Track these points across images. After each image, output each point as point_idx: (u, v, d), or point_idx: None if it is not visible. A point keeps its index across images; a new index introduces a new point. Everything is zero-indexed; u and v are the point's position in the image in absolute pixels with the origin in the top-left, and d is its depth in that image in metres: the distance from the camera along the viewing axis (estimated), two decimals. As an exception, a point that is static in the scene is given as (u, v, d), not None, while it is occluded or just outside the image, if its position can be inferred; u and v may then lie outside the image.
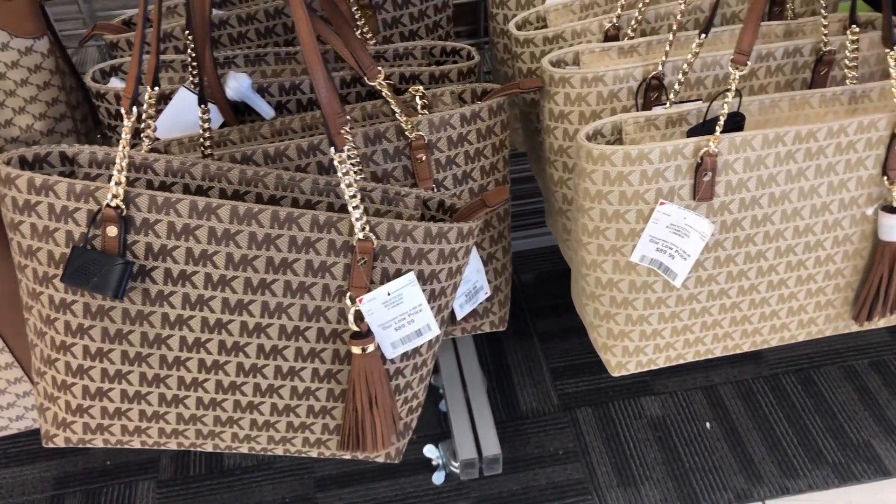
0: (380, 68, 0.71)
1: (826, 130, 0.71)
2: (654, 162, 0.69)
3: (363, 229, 0.64)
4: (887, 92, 0.77)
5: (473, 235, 0.70)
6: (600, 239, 0.74)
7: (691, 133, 0.71)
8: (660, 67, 0.78)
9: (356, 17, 0.84)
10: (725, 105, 0.68)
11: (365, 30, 0.87)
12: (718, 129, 0.68)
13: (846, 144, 0.72)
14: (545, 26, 0.91)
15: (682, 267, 0.72)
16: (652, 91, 0.78)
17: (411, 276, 0.66)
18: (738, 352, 0.84)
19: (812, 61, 0.83)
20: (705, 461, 1.21)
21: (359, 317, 0.66)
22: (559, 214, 0.89)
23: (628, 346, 0.80)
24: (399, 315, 0.67)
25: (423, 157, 0.75)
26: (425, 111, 0.79)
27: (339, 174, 0.63)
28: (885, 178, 0.75)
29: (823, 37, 0.81)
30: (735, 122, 0.71)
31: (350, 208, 0.64)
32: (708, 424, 1.26)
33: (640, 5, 0.82)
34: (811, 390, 1.30)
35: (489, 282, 0.85)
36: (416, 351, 0.71)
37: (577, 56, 0.82)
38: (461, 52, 0.88)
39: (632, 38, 0.84)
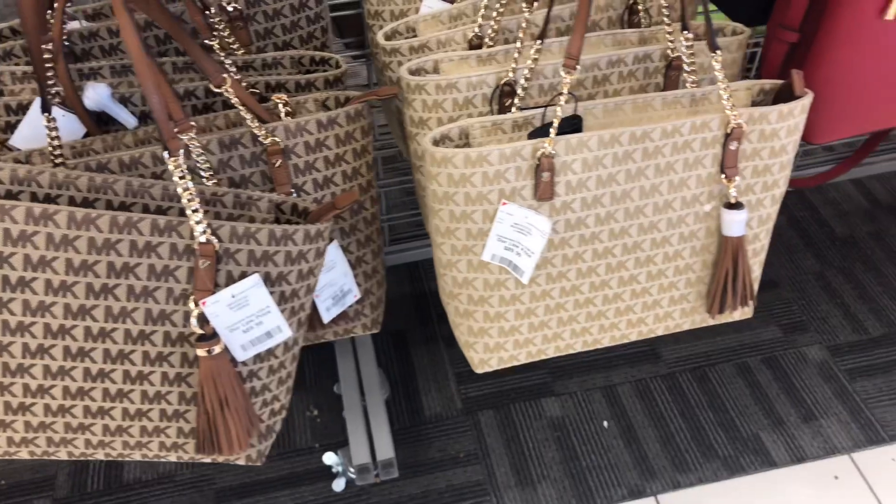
0: (225, 76, 0.73)
1: (660, 131, 0.74)
2: (495, 164, 0.72)
3: (204, 232, 0.65)
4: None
5: (323, 237, 0.72)
6: (452, 239, 0.76)
7: (531, 136, 0.74)
8: (510, 74, 0.80)
9: (220, 27, 0.86)
10: (559, 109, 0.71)
11: (231, 40, 0.88)
12: (553, 131, 0.71)
13: (682, 144, 0.76)
14: (415, 37, 0.94)
15: (528, 264, 0.75)
16: (506, 97, 0.81)
17: (256, 278, 0.68)
18: (598, 346, 0.87)
19: (662, 67, 0.86)
20: (601, 459, 1.24)
21: (204, 319, 0.67)
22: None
23: (489, 343, 0.82)
24: (246, 317, 0.68)
25: (280, 163, 0.77)
26: (289, 118, 0.81)
27: (175, 178, 0.64)
28: (724, 175, 0.79)
29: (670, 43, 0.85)
30: (573, 125, 0.74)
31: (189, 212, 0.65)
32: (606, 423, 1.29)
33: (495, 14, 0.85)
34: (706, 387, 1.34)
35: (359, 285, 0.86)
36: (271, 353, 0.73)
37: (437, 64, 0.85)
38: (330, 62, 0.90)
39: (490, 46, 0.87)
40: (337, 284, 0.82)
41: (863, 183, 1.70)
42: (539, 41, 0.75)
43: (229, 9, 0.89)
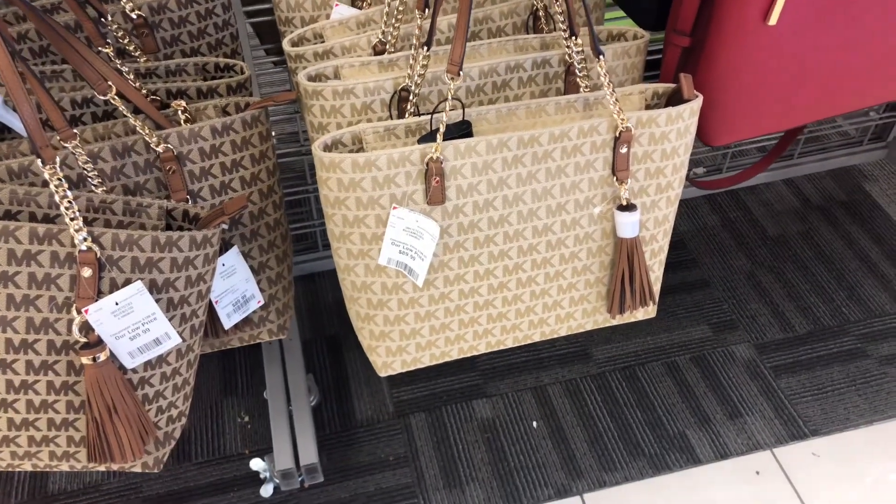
0: (111, 83, 0.73)
1: (548, 135, 0.76)
2: (383, 168, 0.72)
3: (85, 240, 0.65)
4: (619, 99, 0.83)
5: (212, 243, 0.72)
6: (347, 244, 0.77)
7: (421, 141, 0.75)
8: (407, 80, 0.81)
9: (118, 34, 0.86)
10: (444, 114, 0.72)
11: (132, 48, 0.88)
12: (439, 136, 0.72)
13: (572, 148, 0.77)
14: (322, 42, 0.95)
15: (422, 267, 0.76)
16: (404, 102, 0.82)
17: (139, 285, 0.68)
18: (503, 347, 0.88)
19: (562, 72, 0.88)
20: (529, 459, 1.25)
21: (87, 327, 0.67)
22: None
23: (391, 346, 0.83)
24: (132, 324, 0.68)
25: (174, 169, 0.77)
26: (187, 125, 0.81)
27: (52, 187, 0.64)
28: (615, 178, 0.80)
29: (567, 48, 0.86)
30: (464, 130, 0.75)
31: (67, 220, 0.65)
32: (535, 423, 1.30)
33: (393, 21, 0.86)
34: (635, 386, 1.36)
35: (262, 290, 0.87)
36: (162, 360, 0.73)
37: (338, 70, 0.85)
38: (235, 68, 0.90)
39: (392, 52, 0.88)
40: (238, 290, 0.82)
41: (794, 183, 1.74)
42: (426, 48, 0.76)
43: (133, 16, 0.89)
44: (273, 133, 0.84)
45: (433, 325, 0.82)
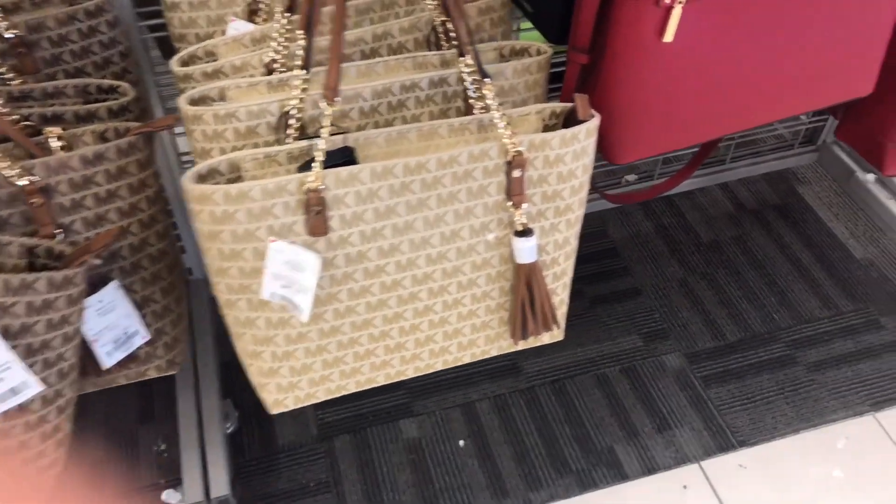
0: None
1: (436, 161, 0.73)
2: (258, 200, 0.69)
3: (-74, 286, 0.61)
4: (514, 120, 0.80)
5: (75, 283, 0.68)
6: (226, 278, 0.73)
7: (301, 169, 0.71)
8: (293, 102, 0.77)
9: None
10: (322, 141, 0.69)
11: (2, 69, 0.83)
12: (317, 165, 0.68)
13: (463, 173, 0.74)
14: (215, 60, 0.90)
15: (305, 302, 0.72)
16: (298, 121, 0.78)
17: (-10, 332, 0.63)
18: (405, 377, 0.85)
19: (461, 91, 0.85)
20: (455, 480, 1.23)
21: (-67, 379, 0.63)
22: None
23: (281, 383, 0.79)
24: (-16, 373, 0.64)
25: (40, 202, 0.72)
26: (62, 153, 0.76)
27: None
28: (510, 203, 0.77)
29: (463, 66, 0.83)
30: (347, 157, 0.72)
31: None
32: (462, 442, 1.28)
33: (281, 39, 0.82)
34: (563, 400, 1.34)
35: (148, 325, 0.82)
36: (25, 409, 0.68)
37: (223, 91, 0.81)
38: (119, 89, 0.86)
39: (282, 71, 0.84)
40: (119, 327, 0.78)
41: (729, 187, 1.74)
42: (304, 70, 0.73)
43: (8, 35, 0.84)
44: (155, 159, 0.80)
45: (326, 360, 0.79)
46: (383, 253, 0.75)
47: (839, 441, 1.28)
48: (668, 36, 0.75)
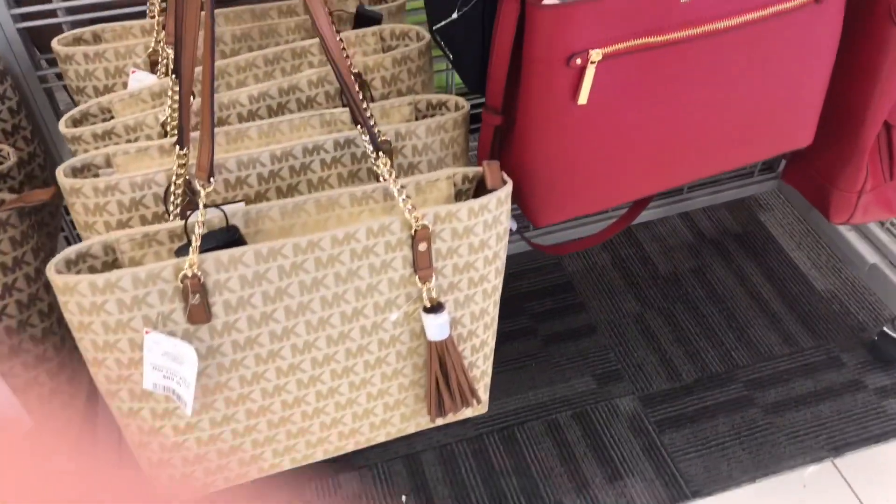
0: None
1: (330, 239, 0.67)
2: (129, 290, 0.63)
3: None
4: (423, 186, 0.74)
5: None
6: (104, 369, 0.67)
7: (178, 252, 0.65)
8: (177, 171, 0.72)
9: None
10: (197, 225, 0.63)
11: None
12: (193, 250, 0.63)
13: (362, 250, 0.69)
14: (112, 118, 0.84)
15: (187, 394, 0.66)
16: (181, 197, 0.73)
17: None
18: (313, 460, 0.79)
19: (372, 150, 0.79)
20: (395, 539, 1.17)
21: None
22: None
23: (174, 474, 0.74)
24: None
25: None
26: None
27: None
28: (418, 277, 0.72)
29: (373, 125, 0.77)
30: (231, 236, 0.66)
31: None
32: (404, 498, 1.22)
33: (173, 96, 0.76)
34: (512, 449, 1.28)
35: (31, 411, 0.76)
36: None
37: (109, 158, 0.75)
38: (2, 153, 0.79)
39: (174, 135, 0.79)
40: (-4, 416, 0.72)
41: (689, 216, 1.69)
42: (179, 147, 0.67)
43: None
44: (33, 233, 0.74)
45: (221, 449, 0.73)
46: (276, 337, 0.69)
47: (796, 490, 1.23)
48: (583, 98, 0.70)
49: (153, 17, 0.87)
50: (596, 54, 0.68)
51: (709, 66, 0.74)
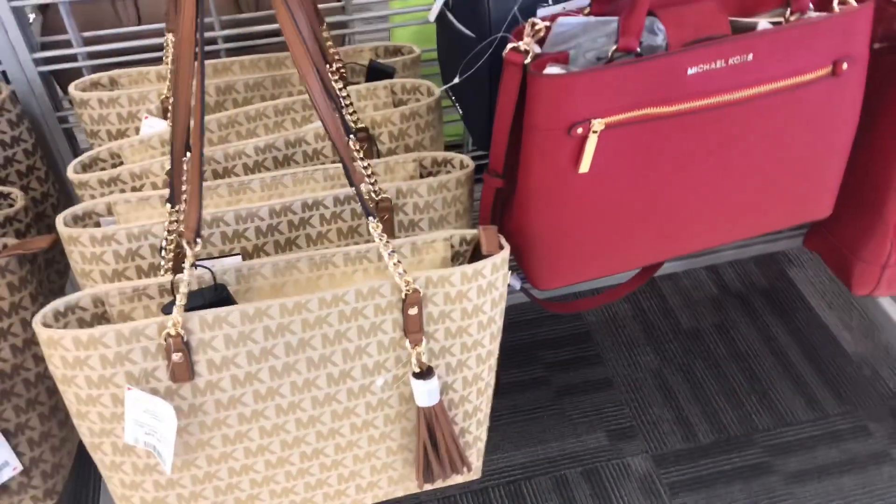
0: None
1: (318, 301, 0.66)
2: (112, 346, 0.63)
3: None
4: (419, 247, 0.73)
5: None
6: (87, 422, 0.67)
7: (165, 309, 0.65)
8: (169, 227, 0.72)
9: None
10: (183, 284, 0.62)
11: None
12: (177, 308, 0.62)
13: (351, 312, 0.68)
14: (121, 164, 0.85)
15: (167, 452, 0.66)
16: (172, 252, 0.72)
17: None
18: (297, 520, 0.77)
19: (372, 206, 0.78)
20: (391, 593, 1.14)
21: None
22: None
23: (155, 528, 0.73)
24: None
25: None
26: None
27: None
28: (408, 342, 0.70)
29: (374, 182, 0.77)
30: (218, 295, 0.66)
31: None
32: (404, 548, 1.20)
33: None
34: (517, 505, 1.25)
35: (21, 454, 0.76)
36: None
37: (111, 206, 0.76)
38: (12, 196, 0.81)
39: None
40: (-16, 459, 0.72)
41: (716, 269, 1.65)
42: (169, 203, 0.67)
43: None
44: (29, 279, 0.75)
45: (203, 505, 0.72)
46: (260, 397, 0.68)
47: (813, 567, 1.18)
48: (584, 167, 0.68)
49: (167, 63, 0.88)
50: (598, 124, 0.67)
51: (719, 138, 0.72)
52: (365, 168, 0.74)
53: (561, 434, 1.35)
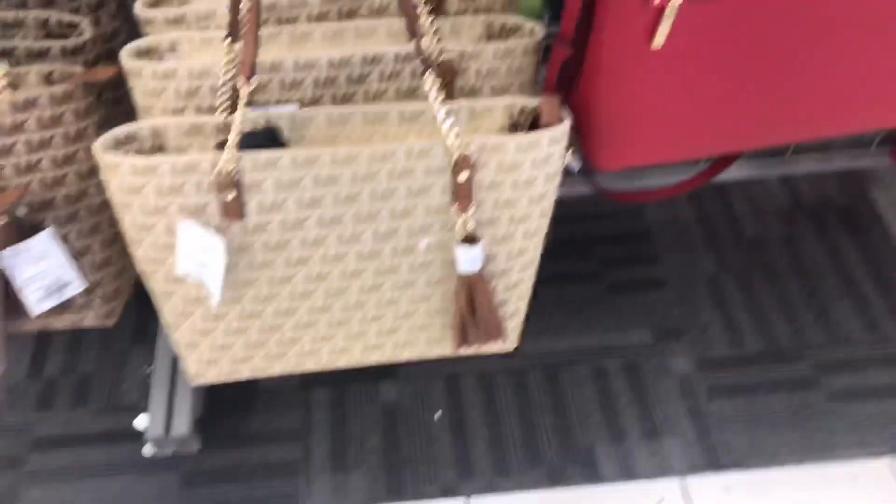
0: None
1: (368, 155, 0.66)
2: (167, 177, 0.64)
3: None
4: (477, 113, 0.71)
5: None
6: (142, 249, 0.70)
7: (219, 147, 0.66)
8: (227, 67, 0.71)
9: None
10: (238, 121, 0.63)
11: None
12: (229, 147, 0.63)
13: (402, 170, 0.67)
14: (184, 4, 0.85)
15: (216, 286, 0.68)
16: (230, 91, 0.73)
17: None
18: (334, 367, 0.81)
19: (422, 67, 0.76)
20: (423, 452, 1.20)
21: None
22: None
23: (201, 357, 0.77)
24: None
25: (-31, 146, 0.70)
26: (8, 91, 0.74)
27: None
28: (455, 208, 0.70)
29: (437, 41, 0.74)
30: (271, 138, 0.66)
31: None
32: (438, 414, 1.25)
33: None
34: (553, 388, 1.28)
35: (85, 275, 0.81)
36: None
37: (175, 44, 0.76)
38: (80, 25, 0.82)
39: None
40: (51, 276, 0.77)
41: (790, 181, 1.57)
42: (229, 38, 0.66)
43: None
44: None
45: (248, 341, 0.76)
46: (307, 244, 0.70)
47: (845, 481, 1.17)
48: (658, 42, 0.65)
49: None
50: (678, -5, 0.62)
51: (812, 20, 0.66)
52: (430, 24, 0.72)
53: (606, 327, 1.35)
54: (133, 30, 0.99)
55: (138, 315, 1.33)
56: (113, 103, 0.92)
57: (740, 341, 1.33)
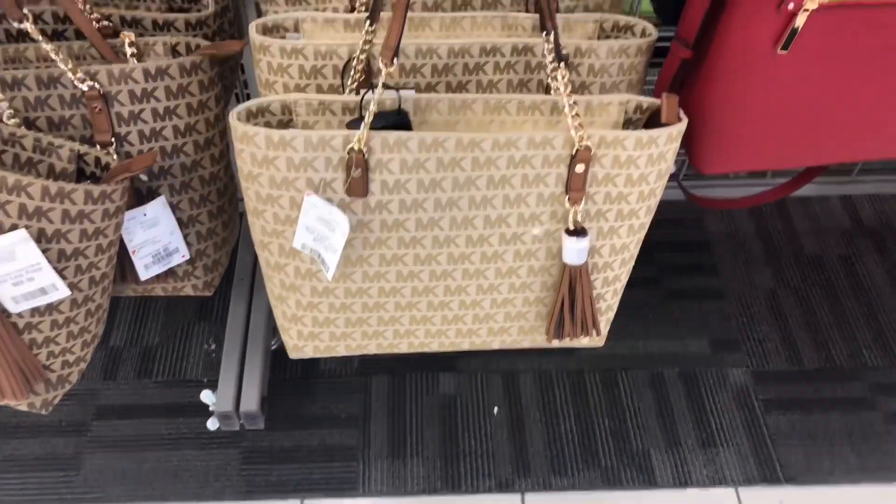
0: (27, 11, 0.68)
1: (492, 142, 0.67)
2: (300, 150, 0.66)
3: (-33, 180, 0.62)
4: (593, 108, 0.73)
5: (112, 199, 0.68)
6: (262, 220, 0.72)
7: (350, 125, 0.68)
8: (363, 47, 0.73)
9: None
10: (373, 101, 0.65)
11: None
12: (364, 126, 0.65)
13: (520, 159, 0.69)
14: (305, -15, 0.87)
15: (333, 260, 0.70)
16: (360, 72, 0.75)
17: (23, 233, 0.65)
18: (427, 350, 0.82)
19: (553, 59, 0.78)
20: (480, 445, 1.21)
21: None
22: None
23: (303, 331, 0.79)
24: (14, 271, 0.66)
25: (100, 108, 0.72)
26: (134, 60, 0.76)
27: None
28: (568, 198, 0.71)
29: (545, 42, 0.76)
30: (399, 120, 0.68)
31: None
32: (496, 409, 1.26)
33: (366, -22, 0.78)
34: (611, 392, 1.28)
35: (189, 245, 0.83)
36: (53, 308, 0.70)
37: (298, 23, 0.78)
38: (203, 1, 0.84)
39: (362, 12, 0.80)
40: (160, 242, 0.79)
41: (852, 201, 1.57)
42: (369, 22, 0.68)
43: (107, -71, 0.83)
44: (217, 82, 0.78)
45: (349, 318, 0.77)
46: (421, 226, 0.71)
47: (899, 504, 1.17)
48: (784, 47, 0.66)
49: None
50: (811, 2, 0.63)
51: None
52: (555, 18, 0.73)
53: (664, 334, 1.36)
54: (237, 10, 1.01)
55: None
56: (220, 77, 0.94)
57: (797, 357, 1.33)
